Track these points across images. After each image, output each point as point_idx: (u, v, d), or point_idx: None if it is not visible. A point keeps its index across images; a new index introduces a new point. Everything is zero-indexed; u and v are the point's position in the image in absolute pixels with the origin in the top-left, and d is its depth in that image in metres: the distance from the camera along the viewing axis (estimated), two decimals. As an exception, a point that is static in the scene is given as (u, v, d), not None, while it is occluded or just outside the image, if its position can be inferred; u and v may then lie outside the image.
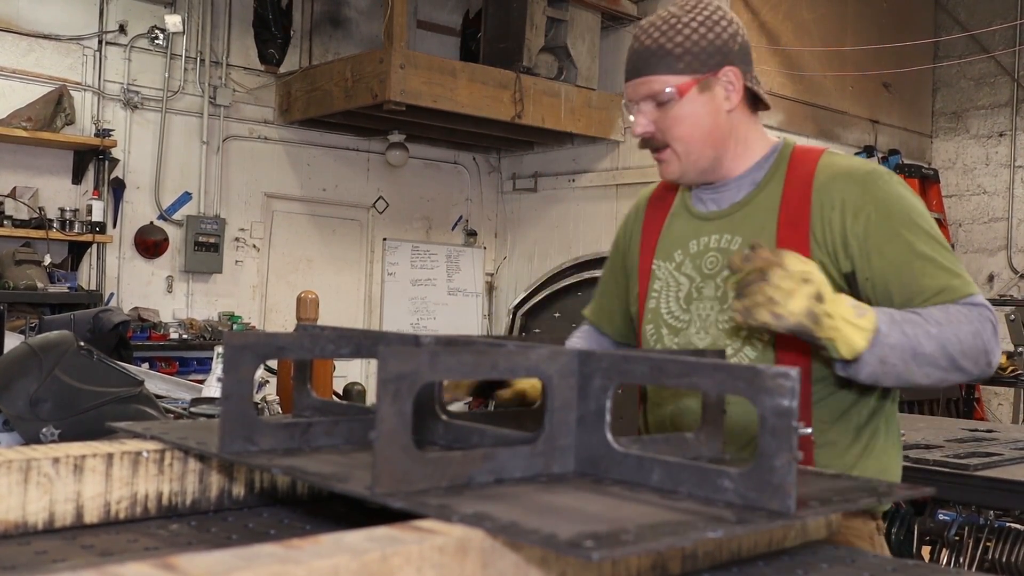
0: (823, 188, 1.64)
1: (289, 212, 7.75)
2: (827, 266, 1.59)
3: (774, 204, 1.68)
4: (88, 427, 1.96)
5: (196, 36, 7.11)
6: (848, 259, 1.60)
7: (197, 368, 6.37)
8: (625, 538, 0.78)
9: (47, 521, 1.04)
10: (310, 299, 3.04)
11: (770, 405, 0.91)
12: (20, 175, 6.44)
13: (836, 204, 1.62)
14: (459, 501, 0.88)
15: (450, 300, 8.52)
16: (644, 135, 1.71)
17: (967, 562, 2.97)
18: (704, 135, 1.69)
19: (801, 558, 1.06)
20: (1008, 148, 8.36)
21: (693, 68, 1.66)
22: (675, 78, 1.66)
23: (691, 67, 1.66)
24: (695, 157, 1.70)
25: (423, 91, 6.57)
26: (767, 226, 1.67)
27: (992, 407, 8.15)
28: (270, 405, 2.75)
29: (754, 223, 1.69)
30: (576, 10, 7.40)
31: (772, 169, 1.72)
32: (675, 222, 1.82)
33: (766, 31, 7.41)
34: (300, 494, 1.23)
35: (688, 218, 1.79)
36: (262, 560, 0.68)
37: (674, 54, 1.66)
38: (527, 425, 1.23)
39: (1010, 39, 8.28)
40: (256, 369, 1.15)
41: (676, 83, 1.66)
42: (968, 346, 1.48)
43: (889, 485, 1.10)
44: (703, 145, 1.69)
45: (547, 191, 8.43)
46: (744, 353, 1.66)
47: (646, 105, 1.69)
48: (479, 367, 0.99)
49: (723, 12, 1.71)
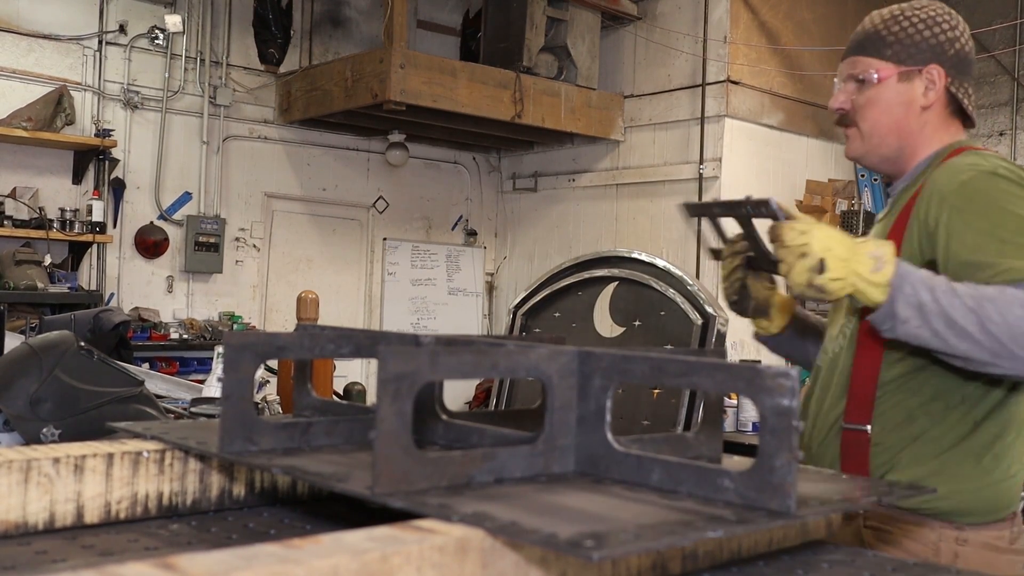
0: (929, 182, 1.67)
1: (289, 212, 7.75)
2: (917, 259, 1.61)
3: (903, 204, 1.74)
4: (88, 427, 1.96)
5: (196, 36, 7.11)
6: (931, 247, 1.62)
7: (197, 368, 6.38)
8: (625, 538, 0.78)
9: (47, 521, 1.04)
10: (310, 299, 3.04)
11: (770, 404, 0.91)
12: (20, 175, 6.44)
13: (933, 195, 1.64)
14: (459, 501, 0.88)
15: (450, 300, 8.52)
16: (838, 110, 1.80)
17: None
18: (891, 123, 1.75)
19: (801, 558, 1.06)
20: (1008, 147, 8.35)
21: (899, 58, 1.73)
22: (879, 63, 1.74)
23: (897, 56, 1.73)
24: (876, 142, 1.77)
25: (423, 91, 6.57)
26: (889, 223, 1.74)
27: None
28: (270, 405, 2.75)
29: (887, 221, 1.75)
30: (576, 10, 7.40)
31: (924, 170, 1.75)
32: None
33: (766, 31, 7.41)
34: (300, 494, 1.23)
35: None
36: (262, 560, 0.68)
37: (885, 41, 1.74)
38: (527, 425, 1.23)
39: (1010, 39, 8.28)
40: (256, 369, 1.15)
41: (878, 67, 1.74)
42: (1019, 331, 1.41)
43: (889, 484, 1.10)
44: (887, 132, 1.76)
45: (547, 191, 8.42)
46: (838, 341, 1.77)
47: (849, 83, 1.78)
48: (479, 367, 0.99)
49: (950, 17, 1.76)
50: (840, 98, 1.80)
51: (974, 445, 1.65)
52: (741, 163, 7.22)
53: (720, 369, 0.97)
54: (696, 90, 7.27)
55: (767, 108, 7.40)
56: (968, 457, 1.65)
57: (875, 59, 1.75)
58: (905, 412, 1.67)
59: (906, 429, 1.66)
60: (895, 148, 1.77)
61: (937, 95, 1.74)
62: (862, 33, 1.80)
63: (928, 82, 1.73)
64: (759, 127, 7.33)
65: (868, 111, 1.76)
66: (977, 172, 1.61)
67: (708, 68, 7.20)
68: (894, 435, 1.67)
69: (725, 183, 7.12)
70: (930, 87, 1.73)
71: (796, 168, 7.43)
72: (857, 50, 1.79)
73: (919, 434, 1.66)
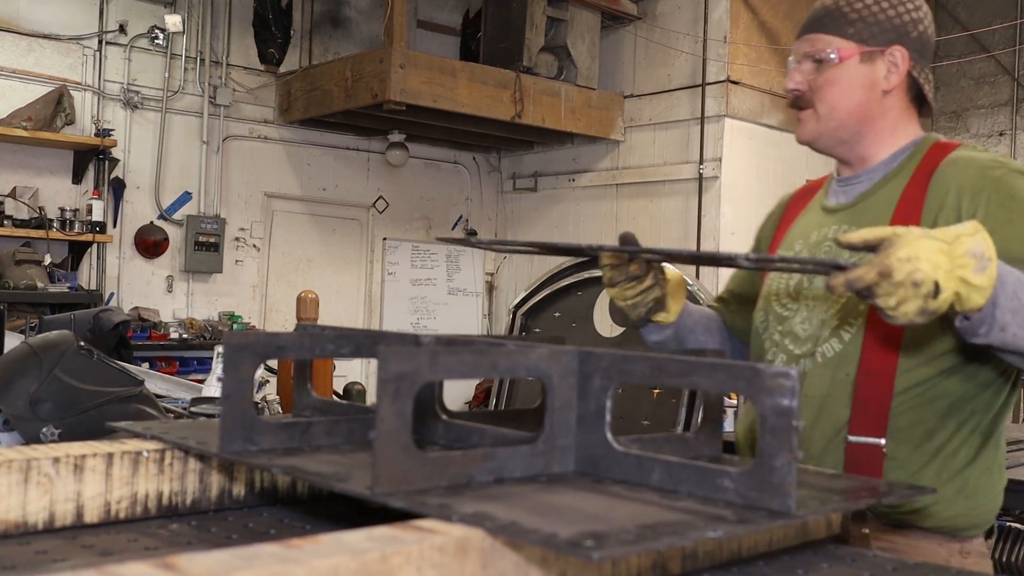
0: (940, 176, 1.58)
1: (289, 212, 7.75)
2: None
3: (895, 197, 1.62)
4: (88, 427, 1.96)
5: (196, 36, 7.12)
6: None
7: (197, 368, 6.38)
8: (625, 538, 0.78)
9: (47, 521, 1.04)
10: (310, 299, 3.04)
11: (770, 404, 0.91)
12: (20, 175, 6.44)
13: (952, 189, 1.55)
14: (459, 501, 0.88)
15: (450, 300, 8.52)
16: (795, 91, 1.69)
17: (967, 562, 2.96)
18: (852, 106, 1.65)
19: (801, 558, 1.06)
20: (1008, 147, 8.35)
21: (862, 37, 1.63)
22: (841, 42, 1.64)
23: (860, 35, 1.63)
24: (835, 125, 1.67)
25: (423, 91, 6.57)
26: (882, 217, 1.61)
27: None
28: (270, 405, 2.75)
29: (873, 214, 1.63)
30: (576, 10, 7.40)
31: (904, 162, 1.66)
32: (806, 216, 1.80)
33: (766, 31, 7.41)
34: (300, 494, 1.23)
35: (818, 211, 1.76)
36: (262, 560, 0.68)
37: (847, 18, 1.63)
38: (527, 425, 1.23)
39: (1010, 38, 8.28)
40: (256, 369, 1.15)
41: (840, 46, 1.63)
42: None
43: (890, 485, 1.10)
44: (847, 115, 1.66)
45: (547, 191, 8.42)
46: (830, 344, 1.62)
47: (806, 63, 1.67)
48: (479, 367, 0.99)
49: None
50: (796, 78, 1.68)
51: (987, 458, 1.61)
52: (741, 163, 7.22)
53: (720, 369, 0.97)
54: (696, 90, 7.27)
55: (767, 108, 7.40)
56: (984, 472, 1.60)
57: (836, 37, 1.64)
58: (923, 425, 1.56)
59: (926, 444, 1.56)
60: (853, 132, 1.67)
61: (900, 79, 1.65)
62: (822, 9, 1.67)
63: (891, 64, 1.63)
64: (759, 127, 7.34)
65: (827, 92, 1.65)
66: (1007, 169, 1.56)
67: (708, 68, 7.20)
68: (913, 450, 1.56)
69: (725, 183, 7.13)
70: (892, 70, 1.64)
71: (796, 168, 7.43)
72: (816, 27, 1.67)
73: (938, 449, 1.57)
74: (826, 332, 1.63)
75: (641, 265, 1.67)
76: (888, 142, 1.68)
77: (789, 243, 1.78)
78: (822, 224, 1.72)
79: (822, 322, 1.64)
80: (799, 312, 1.69)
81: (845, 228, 1.65)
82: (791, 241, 1.78)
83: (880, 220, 1.61)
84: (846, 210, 1.70)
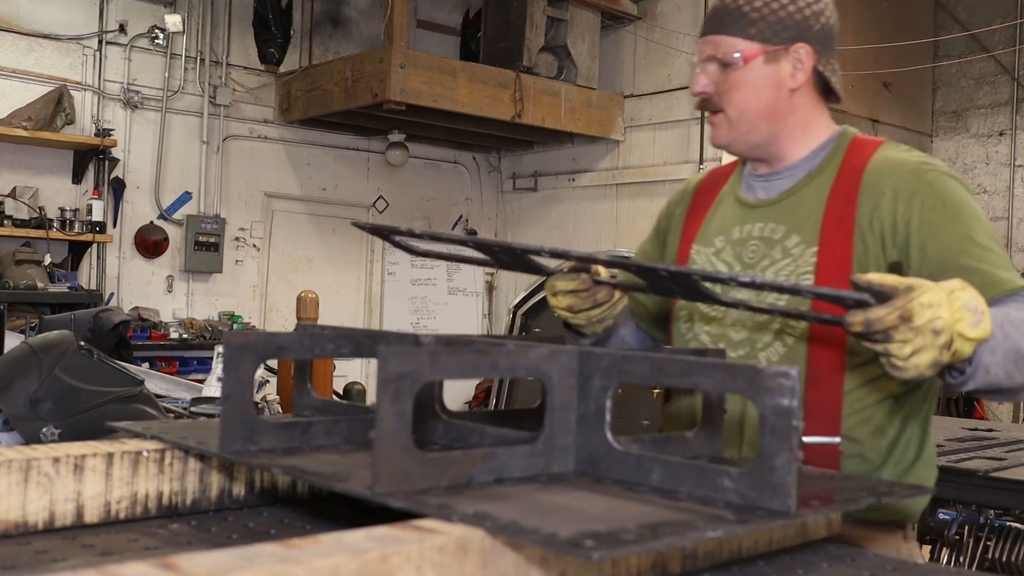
0: (873, 177, 1.57)
1: (289, 212, 7.75)
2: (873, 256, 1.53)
3: (823, 195, 1.61)
4: (88, 427, 1.96)
5: (196, 36, 7.12)
6: (895, 248, 1.53)
7: (197, 368, 6.38)
8: (625, 538, 0.78)
9: (47, 521, 1.04)
10: (310, 299, 3.04)
11: (770, 404, 0.91)
12: (20, 175, 6.44)
13: (887, 192, 1.55)
14: (459, 501, 0.88)
15: (450, 300, 8.52)
16: (702, 95, 1.65)
17: (967, 561, 2.96)
18: (761, 107, 1.62)
19: (801, 558, 1.06)
20: (1008, 147, 8.35)
21: (764, 37, 1.60)
22: (744, 43, 1.60)
23: (763, 35, 1.60)
24: (746, 128, 1.64)
25: (423, 91, 6.57)
26: (812, 217, 1.60)
27: (992, 406, 8.15)
28: (270, 405, 2.75)
29: (800, 213, 1.62)
30: (576, 10, 7.40)
31: (827, 159, 1.65)
32: (721, 208, 1.75)
33: (766, 30, 7.41)
34: (300, 494, 1.23)
35: (735, 205, 1.73)
36: (262, 560, 0.68)
37: (749, 18, 1.60)
38: (527, 425, 1.23)
39: (1010, 38, 8.28)
40: (256, 369, 1.15)
41: (743, 48, 1.60)
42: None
43: (890, 484, 1.10)
44: (757, 117, 1.63)
45: (547, 191, 8.42)
46: (774, 348, 1.59)
47: (711, 65, 1.63)
48: (479, 367, 0.99)
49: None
50: (702, 81, 1.64)
51: (928, 451, 1.64)
52: (741, 163, 7.21)
53: (720, 369, 0.97)
54: (696, 90, 7.27)
55: (767, 108, 7.40)
56: (927, 464, 1.64)
57: (738, 38, 1.60)
58: (873, 423, 1.58)
59: (880, 441, 1.58)
60: (766, 134, 1.64)
61: (806, 76, 1.62)
62: (721, 8, 1.62)
63: (796, 62, 1.61)
64: (759, 127, 7.33)
65: (734, 95, 1.62)
66: (938, 172, 1.57)
67: (708, 68, 7.20)
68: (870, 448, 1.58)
69: (725, 183, 7.12)
70: (798, 67, 1.61)
71: (796, 168, 7.43)
72: (716, 28, 1.62)
73: (892, 444, 1.59)
74: (767, 336, 1.61)
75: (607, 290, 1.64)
76: (802, 139, 1.67)
77: (707, 237, 1.74)
78: (744, 220, 1.69)
79: (760, 325, 1.62)
80: (729, 313, 1.66)
81: (772, 226, 1.64)
82: (709, 235, 1.74)
83: (811, 217, 1.61)
84: (770, 207, 1.67)
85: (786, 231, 1.62)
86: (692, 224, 1.79)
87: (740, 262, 1.66)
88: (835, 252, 1.56)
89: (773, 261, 1.62)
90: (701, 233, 1.76)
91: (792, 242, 1.61)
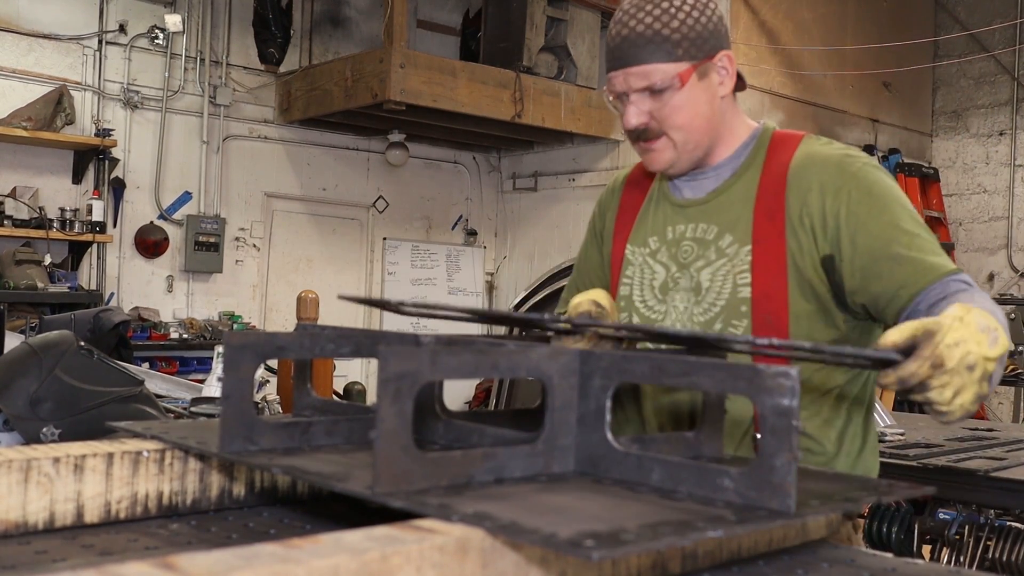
0: (798, 173, 1.59)
1: (289, 212, 7.75)
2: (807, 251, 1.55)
3: (751, 193, 1.63)
4: (88, 427, 1.96)
5: (196, 36, 7.11)
6: (827, 242, 1.55)
7: (197, 368, 6.38)
8: (625, 538, 0.78)
9: (47, 521, 1.04)
10: (310, 299, 3.04)
11: (770, 404, 0.91)
12: (20, 175, 6.44)
13: (813, 187, 1.57)
14: (459, 501, 0.88)
15: (450, 300, 8.52)
16: (640, 127, 1.62)
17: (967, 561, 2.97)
18: (703, 123, 1.62)
19: (801, 558, 1.06)
20: (1008, 147, 8.35)
21: (691, 55, 1.58)
22: (675, 66, 1.57)
23: (689, 53, 1.57)
24: (692, 146, 1.63)
25: (423, 91, 6.57)
26: (743, 216, 1.62)
27: (992, 406, 8.15)
28: (270, 405, 2.75)
29: (731, 212, 1.64)
30: (576, 9, 7.40)
31: (751, 156, 1.67)
32: (652, 207, 1.76)
33: (766, 31, 7.41)
34: (300, 494, 1.23)
35: (665, 204, 1.73)
36: (262, 560, 0.68)
37: (672, 40, 1.57)
38: (527, 425, 1.23)
39: (1010, 38, 8.28)
40: (256, 369, 1.15)
41: (676, 71, 1.57)
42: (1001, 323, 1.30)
43: (890, 484, 1.10)
44: (701, 133, 1.63)
45: (547, 190, 8.43)
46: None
47: (639, 95, 1.60)
48: (479, 367, 0.99)
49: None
50: (635, 113, 1.60)
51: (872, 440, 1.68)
52: (741, 163, 7.21)
53: (720, 369, 0.97)
54: (696, 90, 7.27)
55: (767, 108, 7.40)
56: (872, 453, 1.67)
57: (668, 63, 1.57)
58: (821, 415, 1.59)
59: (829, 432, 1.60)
60: (706, 147, 1.65)
61: (732, 80, 1.64)
62: (637, 38, 1.58)
63: (721, 69, 1.62)
64: (759, 127, 7.33)
65: (676, 118, 1.60)
66: (861, 163, 1.59)
67: (708, 68, 7.20)
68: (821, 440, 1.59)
69: (725, 183, 7.12)
70: (723, 74, 1.62)
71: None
72: (640, 57, 1.57)
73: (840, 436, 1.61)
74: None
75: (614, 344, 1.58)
76: (728, 139, 1.68)
77: (641, 237, 1.74)
78: (675, 220, 1.70)
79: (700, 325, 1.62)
80: (668, 314, 1.66)
81: (704, 226, 1.65)
82: (643, 235, 1.74)
83: (742, 215, 1.62)
84: (700, 206, 1.68)
85: (719, 231, 1.64)
86: (624, 223, 1.80)
87: (676, 262, 1.68)
88: (768, 250, 1.58)
89: (709, 261, 1.64)
90: (634, 233, 1.76)
91: (726, 242, 1.63)
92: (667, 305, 1.67)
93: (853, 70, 8.05)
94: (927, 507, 3.19)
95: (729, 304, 1.60)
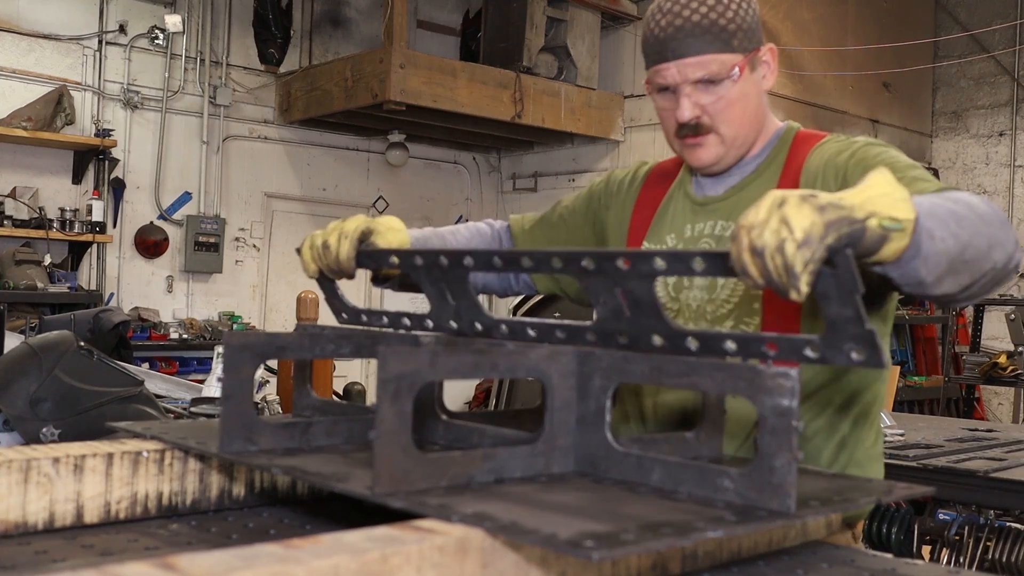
0: (810, 166, 1.57)
1: (289, 212, 7.75)
2: None
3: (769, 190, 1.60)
4: (88, 427, 1.96)
5: (196, 36, 7.11)
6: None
7: (197, 368, 6.38)
8: (625, 538, 0.78)
9: (47, 521, 1.04)
10: (310, 299, 3.04)
11: (770, 405, 0.91)
12: (20, 175, 6.44)
13: (820, 170, 1.54)
14: (459, 501, 0.88)
15: (450, 300, 8.52)
16: (692, 120, 1.57)
17: (967, 562, 2.97)
18: (751, 118, 1.59)
19: (801, 558, 1.06)
20: (1008, 148, 8.35)
21: (744, 46, 1.54)
22: (732, 57, 1.53)
23: (743, 45, 1.54)
24: (740, 141, 1.60)
25: (423, 91, 6.57)
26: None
27: (992, 407, 8.15)
28: (270, 405, 2.75)
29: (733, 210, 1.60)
30: (576, 10, 7.40)
31: (772, 153, 1.64)
32: (672, 204, 1.73)
33: (766, 31, 7.38)
34: (300, 494, 1.23)
35: (685, 201, 1.70)
36: (262, 560, 0.68)
37: (728, 30, 1.52)
38: (527, 425, 1.23)
39: (1010, 39, 8.28)
40: (256, 369, 1.15)
41: (734, 62, 1.53)
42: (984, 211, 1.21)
43: (889, 485, 1.10)
44: (750, 128, 1.60)
45: (547, 191, 8.42)
46: None
47: (694, 88, 1.54)
48: (479, 367, 0.99)
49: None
50: (690, 106, 1.55)
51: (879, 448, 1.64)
52: (741, 163, 7.21)
53: (720, 369, 0.97)
54: (696, 90, 7.27)
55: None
56: (876, 460, 1.64)
57: (726, 54, 1.52)
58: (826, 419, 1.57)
59: (832, 437, 1.57)
60: (752, 142, 1.62)
61: (774, 74, 1.60)
62: (694, 27, 1.52)
63: (764, 63, 1.59)
64: (759, 127, 7.33)
65: (730, 112, 1.56)
66: (864, 143, 1.57)
67: (708, 68, 7.20)
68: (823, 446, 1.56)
69: (725, 183, 7.12)
70: (767, 68, 1.59)
71: (796, 168, 7.43)
72: (698, 48, 1.52)
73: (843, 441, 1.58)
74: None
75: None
76: (760, 138, 1.65)
77: (658, 235, 1.72)
78: (695, 218, 1.67)
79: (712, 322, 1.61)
80: (681, 312, 1.64)
81: (723, 224, 1.62)
82: (660, 233, 1.72)
83: None
84: (719, 203, 1.65)
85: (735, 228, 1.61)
86: (643, 216, 1.77)
87: None
88: None
89: None
90: (652, 230, 1.74)
91: None
92: (680, 303, 1.66)
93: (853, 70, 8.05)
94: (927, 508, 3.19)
95: (742, 301, 1.59)
